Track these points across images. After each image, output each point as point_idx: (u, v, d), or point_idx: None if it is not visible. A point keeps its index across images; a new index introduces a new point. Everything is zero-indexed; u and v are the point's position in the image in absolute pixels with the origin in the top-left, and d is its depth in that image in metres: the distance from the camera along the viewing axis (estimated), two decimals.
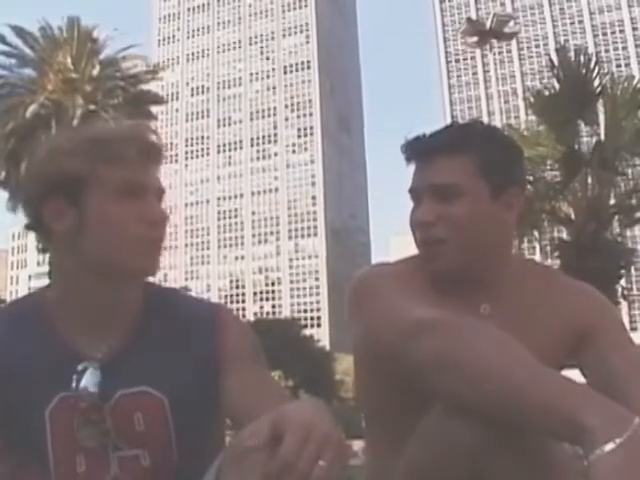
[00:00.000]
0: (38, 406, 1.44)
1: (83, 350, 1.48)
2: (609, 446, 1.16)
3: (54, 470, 1.44)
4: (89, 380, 1.46)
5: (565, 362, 1.70)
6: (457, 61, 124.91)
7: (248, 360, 1.51)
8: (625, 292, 15.18)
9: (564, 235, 15.26)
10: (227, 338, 1.53)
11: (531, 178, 14.88)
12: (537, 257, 16.51)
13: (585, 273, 13.96)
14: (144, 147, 1.48)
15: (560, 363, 1.68)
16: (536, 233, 15.15)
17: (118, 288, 1.49)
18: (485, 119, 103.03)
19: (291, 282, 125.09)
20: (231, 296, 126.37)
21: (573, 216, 14.94)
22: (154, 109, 28.97)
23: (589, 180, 14.94)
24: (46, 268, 27.29)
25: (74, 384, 1.45)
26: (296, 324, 51.50)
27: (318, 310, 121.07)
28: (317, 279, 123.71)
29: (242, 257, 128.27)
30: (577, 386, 1.25)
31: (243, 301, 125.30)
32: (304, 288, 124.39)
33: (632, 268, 15.45)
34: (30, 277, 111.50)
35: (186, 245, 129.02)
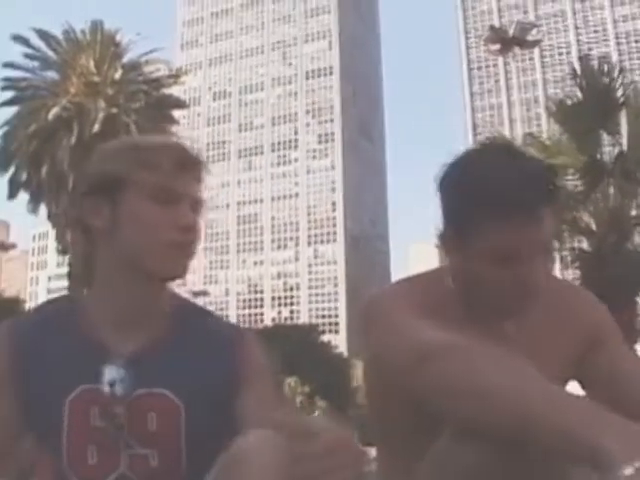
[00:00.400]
0: (60, 395, 1.51)
1: (110, 346, 1.55)
2: (628, 470, 1.12)
3: (66, 458, 1.51)
4: (112, 375, 1.53)
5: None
6: (479, 68, 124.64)
7: (265, 384, 1.59)
8: None
9: (584, 245, 15.12)
10: (250, 360, 1.61)
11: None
12: (557, 267, 16.38)
13: (605, 284, 13.83)
14: (179, 157, 1.57)
15: (572, 374, 1.69)
16: (556, 243, 15.01)
17: (147, 288, 1.57)
18: (507, 127, 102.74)
19: (309, 288, 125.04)
20: (249, 300, 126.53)
21: (594, 226, 14.80)
22: (176, 113, 29.09)
23: (611, 190, 14.80)
24: (65, 269, 27.40)
25: (97, 377, 1.52)
26: (314, 330, 51.43)
27: (336, 316, 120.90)
28: (336, 285, 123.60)
29: (261, 262, 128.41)
30: (594, 408, 1.21)
31: (261, 306, 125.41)
32: (322, 294, 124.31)
33: None
34: (50, 278, 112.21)
35: (205, 249, 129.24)
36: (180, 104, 29.50)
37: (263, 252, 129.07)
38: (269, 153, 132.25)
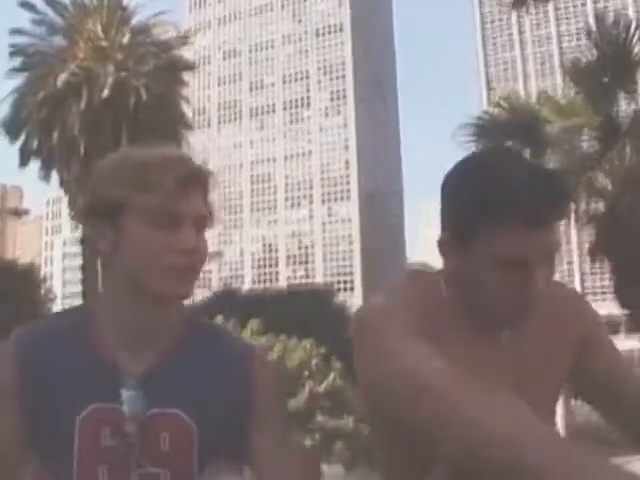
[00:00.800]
0: (70, 413, 1.50)
1: (122, 364, 1.54)
2: None
3: (76, 478, 1.49)
4: (124, 394, 1.51)
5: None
6: (492, 22, 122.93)
7: (276, 415, 1.61)
8: None
9: (600, 206, 14.96)
10: (261, 379, 1.60)
11: (567, 147, 14.59)
12: (572, 229, 16.23)
13: (620, 244, 13.73)
14: (181, 175, 1.50)
15: (567, 378, 1.69)
16: (572, 205, 14.84)
17: (153, 308, 1.55)
18: (520, 82, 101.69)
19: (324, 246, 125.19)
20: (264, 260, 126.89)
21: (609, 187, 14.63)
22: (186, 75, 28.86)
23: (627, 150, 14.61)
24: (79, 234, 27.44)
25: (108, 396, 1.51)
26: (329, 291, 51.50)
27: (351, 274, 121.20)
28: (350, 243, 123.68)
29: (275, 221, 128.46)
30: (575, 448, 1.21)
31: (276, 265, 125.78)
32: (337, 252, 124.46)
33: None
34: (65, 242, 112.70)
35: (219, 209, 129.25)
36: (190, 66, 29.24)
37: (277, 211, 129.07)
38: (281, 112, 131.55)
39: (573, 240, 57.02)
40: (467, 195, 1.49)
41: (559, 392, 1.70)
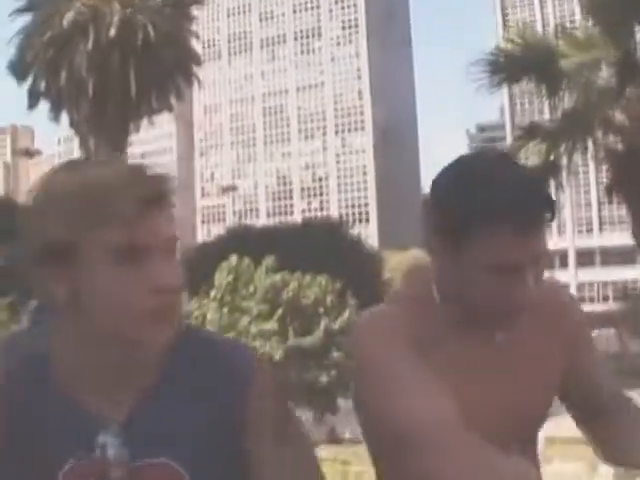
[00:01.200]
0: (51, 468, 1.33)
1: (99, 411, 1.34)
2: None
3: None
4: (105, 444, 1.34)
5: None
6: None
7: (274, 419, 1.40)
8: None
9: (617, 144, 14.69)
10: (260, 394, 1.39)
11: (583, 82, 14.29)
12: (590, 166, 15.99)
13: (636, 182, 13.53)
14: (142, 198, 1.25)
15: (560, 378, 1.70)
16: (590, 142, 14.61)
17: (127, 352, 1.34)
18: (537, 6, 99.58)
19: (338, 177, 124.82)
20: (278, 193, 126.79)
21: (627, 123, 14.34)
22: (194, 9, 28.43)
23: None
24: None
25: (89, 448, 1.34)
26: (344, 225, 51.43)
27: (366, 205, 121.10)
28: (365, 174, 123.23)
29: (289, 154, 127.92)
30: None
31: (291, 197, 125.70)
32: (352, 183, 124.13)
33: None
34: None
35: (232, 143, 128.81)
36: (198, 0, 28.72)
37: (290, 143, 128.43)
38: (292, 42, 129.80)
39: (591, 174, 56.16)
40: (457, 201, 1.49)
41: (554, 393, 1.70)
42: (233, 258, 26.57)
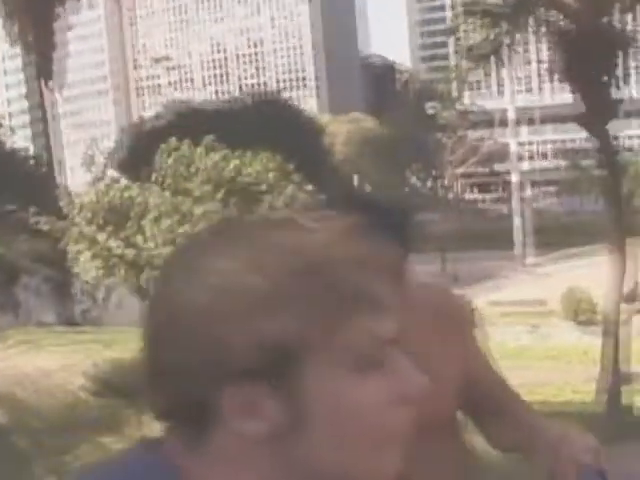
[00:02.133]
0: None
1: None
2: None
3: None
4: None
5: None
6: None
7: None
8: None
9: (560, 22, 14.50)
10: None
11: None
12: (543, 48, 15.79)
13: (583, 60, 13.44)
14: (393, 271, 0.90)
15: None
16: (532, 20, 14.38)
17: None
18: None
19: (273, 43, 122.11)
20: (213, 61, 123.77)
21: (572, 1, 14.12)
22: None
23: None
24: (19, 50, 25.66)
25: None
26: (280, 96, 50.70)
27: (303, 70, 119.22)
28: (300, 38, 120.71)
29: (222, 19, 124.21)
30: None
31: (226, 66, 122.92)
32: (287, 48, 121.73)
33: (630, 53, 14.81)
34: (3, 58, 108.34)
35: (163, 10, 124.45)
36: None
37: (223, 8, 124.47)
38: None
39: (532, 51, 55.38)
40: None
41: (455, 391, 1.71)
42: (172, 140, 26.10)
